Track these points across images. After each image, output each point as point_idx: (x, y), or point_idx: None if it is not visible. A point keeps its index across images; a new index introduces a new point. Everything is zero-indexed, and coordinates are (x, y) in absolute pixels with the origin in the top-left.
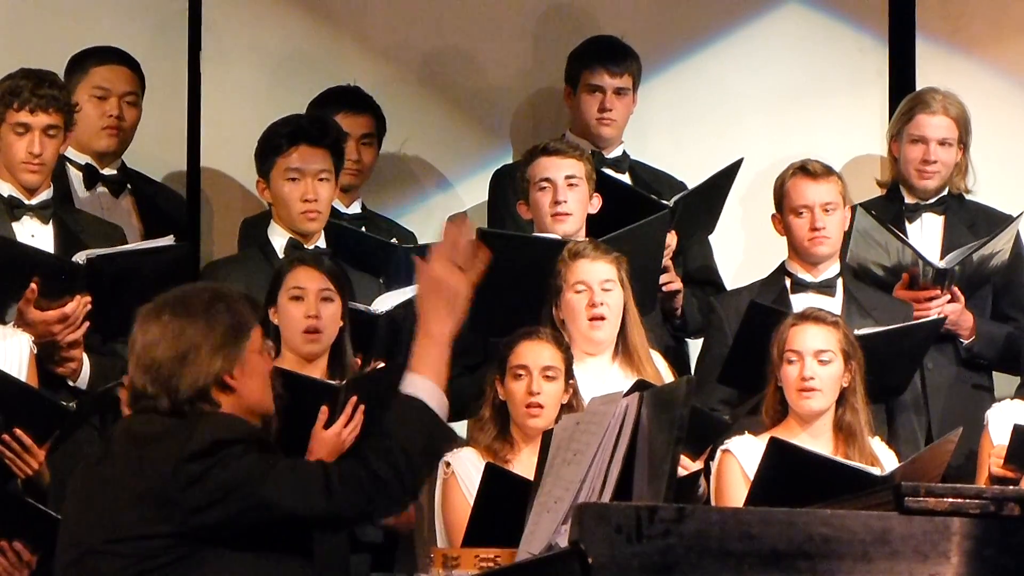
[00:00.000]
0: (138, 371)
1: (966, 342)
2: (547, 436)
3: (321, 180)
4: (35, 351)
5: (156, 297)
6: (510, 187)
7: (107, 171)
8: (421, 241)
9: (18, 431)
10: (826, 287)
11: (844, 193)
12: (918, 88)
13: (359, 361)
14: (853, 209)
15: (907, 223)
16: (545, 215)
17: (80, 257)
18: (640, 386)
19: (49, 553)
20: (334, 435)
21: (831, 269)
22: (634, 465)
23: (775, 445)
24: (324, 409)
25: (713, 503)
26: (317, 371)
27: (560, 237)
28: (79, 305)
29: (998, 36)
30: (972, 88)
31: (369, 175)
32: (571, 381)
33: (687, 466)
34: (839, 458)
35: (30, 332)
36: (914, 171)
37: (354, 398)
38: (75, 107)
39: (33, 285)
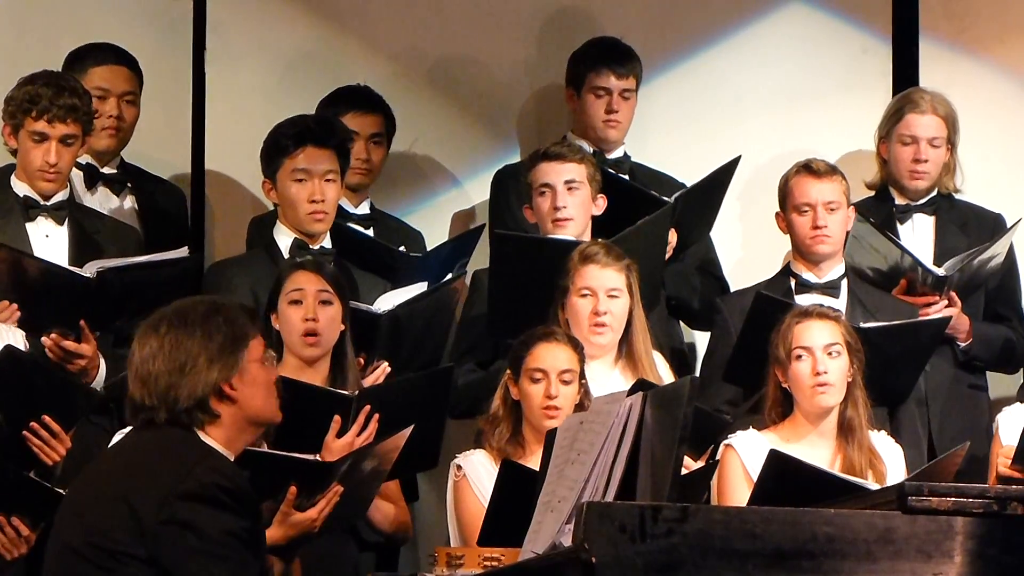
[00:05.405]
0: (136, 384)
1: (963, 345)
2: (551, 435)
3: (328, 181)
4: (29, 348)
5: (155, 311)
6: (511, 188)
7: (107, 170)
8: (428, 240)
9: (47, 418)
10: (831, 288)
11: (847, 193)
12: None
13: (362, 361)
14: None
15: (898, 224)
16: (547, 220)
17: (91, 270)
18: (641, 386)
19: (48, 529)
20: (346, 444)
21: (836, 270)
22: (638, 464)
23: (774, 457)
24: (336, 419)
25: (714, 499)
26: (318, 375)
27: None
28: (91, 350)
29: (1002, 36)
30: (976, 88)
31: (378, 175)
32: (583, 381)
33: (688, 466)
34: (840, 473)
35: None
36: (906, 172)
37: (367, 408)
38: (94, 114)
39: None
